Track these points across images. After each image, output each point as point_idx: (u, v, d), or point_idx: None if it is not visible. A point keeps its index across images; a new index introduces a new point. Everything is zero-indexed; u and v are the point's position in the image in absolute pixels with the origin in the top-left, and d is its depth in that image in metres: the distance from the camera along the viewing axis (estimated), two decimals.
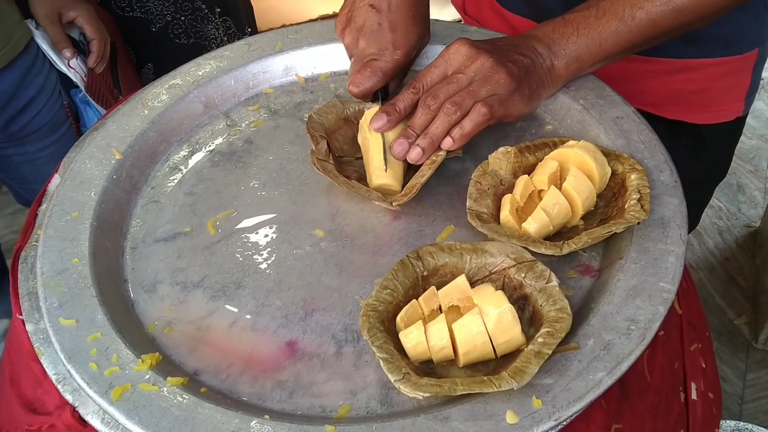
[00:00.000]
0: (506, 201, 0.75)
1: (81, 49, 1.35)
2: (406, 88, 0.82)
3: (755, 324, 1.84)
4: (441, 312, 0.68)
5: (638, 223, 0.71)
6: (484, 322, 0.64)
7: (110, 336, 0.68)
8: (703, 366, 0.81)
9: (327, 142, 0.83)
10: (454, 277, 0.70)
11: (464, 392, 0.61)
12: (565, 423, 0.61)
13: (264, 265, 0.76)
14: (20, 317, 0.73)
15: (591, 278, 0.73)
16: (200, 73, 0.93)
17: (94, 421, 0.65)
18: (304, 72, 0.97)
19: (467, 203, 0.76)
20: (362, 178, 0.82)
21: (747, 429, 1.42)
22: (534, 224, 0.73)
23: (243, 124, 0.92)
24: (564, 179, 0.75)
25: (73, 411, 0.67)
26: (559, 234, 0.76)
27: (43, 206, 0.83)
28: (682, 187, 0.76)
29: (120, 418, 0.62)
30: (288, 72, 0.96)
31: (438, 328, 0.65)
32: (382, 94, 0.87)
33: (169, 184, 0.85)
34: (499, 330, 0.64)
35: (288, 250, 0.77)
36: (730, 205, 2.16)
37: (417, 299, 0.68)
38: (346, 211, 0.81)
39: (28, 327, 0.72)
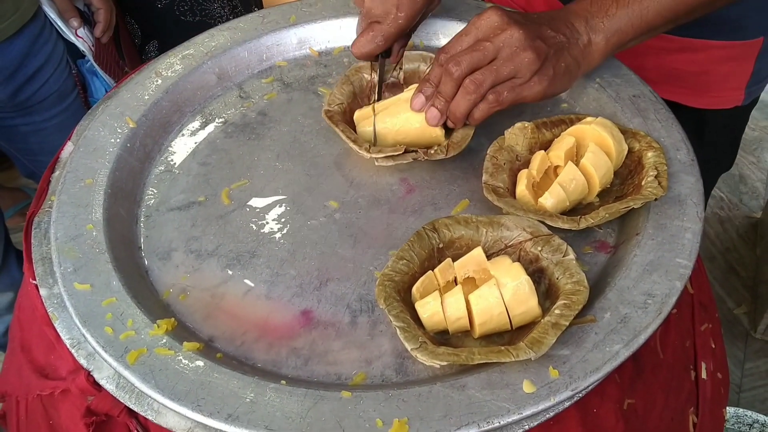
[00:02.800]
0: (522, 176, 0.75)
1: (86, 19, 1.34)
2: (434, 61, 0.80)
3: (754, 314, 1.85)
4: (456, 284, 0.68)
5: (656, 200, 0.71)
6: (501, 293, 0.64)
7: (125, 301, 0.68)
8: (713, 346, 0.82)
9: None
10: (469, 249, 0.70)
11: (481, 361, 0.61)
12: (581, 394, 0.61)
13: (278, 235, 0.76)
14: (33, 282, 0.73)
15: (606, 254, 0.73)
16: (214, 44, 0.93)
17: (108, 385, 0.65)
18: (318, 46, 0.96)
19: (483, 177, 0.76)
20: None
21: (747, 416, 1.43)
22: (551, 199, 0.73)
23: (256, 96, 0.91)
24: (581, 155, 0.75)
25: (88, 375, 0.66)
26: (574, 210, 0.76)
27: (57, 173, 0.83)
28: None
29: (135, 382, 0.62)
30: (302, 45, 0.96)
31: (455, 298, 0.65)
32: (383, 55, 0.87)
33: (183, 154, 0.85)
34: (516, 301, 0.64)
35: (302, 220, 0.77)
36: (732, 195, 2.16)
37: (433, 270, 0.68)
38: (360, 182, 0.81)
39: (42, 292, 0.72)
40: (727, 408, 1.50)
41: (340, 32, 0.96)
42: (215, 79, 0.92)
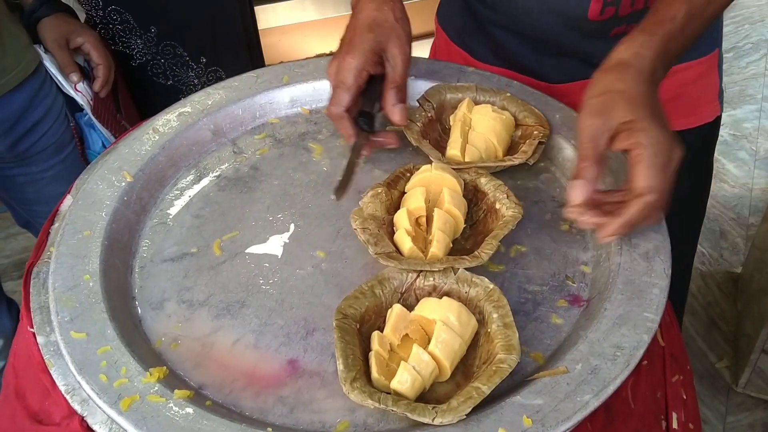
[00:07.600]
0: (401, 237, 0.78)
1: (86, 74, 1.39)
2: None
3: (736, 368, 1.88)
4: (407, 345, 0.70)
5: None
6: (451, 327, 0.69)
7: (119, 349, 0.70)
8: (684, 397, 0.84)
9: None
10: (378, 317, 0.74)
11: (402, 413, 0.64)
12: None
13: (267, 285, 0.79)
14: (31, 330, 0.76)
15: (579, 308, 0.77)
16: (209, 102, 0.97)
17: (101, 431, 0.67)
18: (309, 104, 1.01)
19: (370, 251, 0.77)
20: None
21: None
22: (439, 246, 0.77)
23: (249, 152, 0.96)
24: (434, 202, 0.81)
25: (81, 421, 0.69)
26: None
27: (56, 225, 0.86)
28: (675, 207, 0.78)
29: (129, 428, 0.65)
30: (294, 104, 1.01)
31: (422, 354, 0.67)
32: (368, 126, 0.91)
33: (177, 207, 0.89)
34: (463, 327, 0.70)
35: (290, 270, 0.81)
36: (713, 250, 2.21)
37: (373, 350, 0.70)
38: (346, 233, 0.84)
39: (39, 339, 0.74)
40: None
41: (330, 92, 1.00)
42: (210, 135, 0.96)
